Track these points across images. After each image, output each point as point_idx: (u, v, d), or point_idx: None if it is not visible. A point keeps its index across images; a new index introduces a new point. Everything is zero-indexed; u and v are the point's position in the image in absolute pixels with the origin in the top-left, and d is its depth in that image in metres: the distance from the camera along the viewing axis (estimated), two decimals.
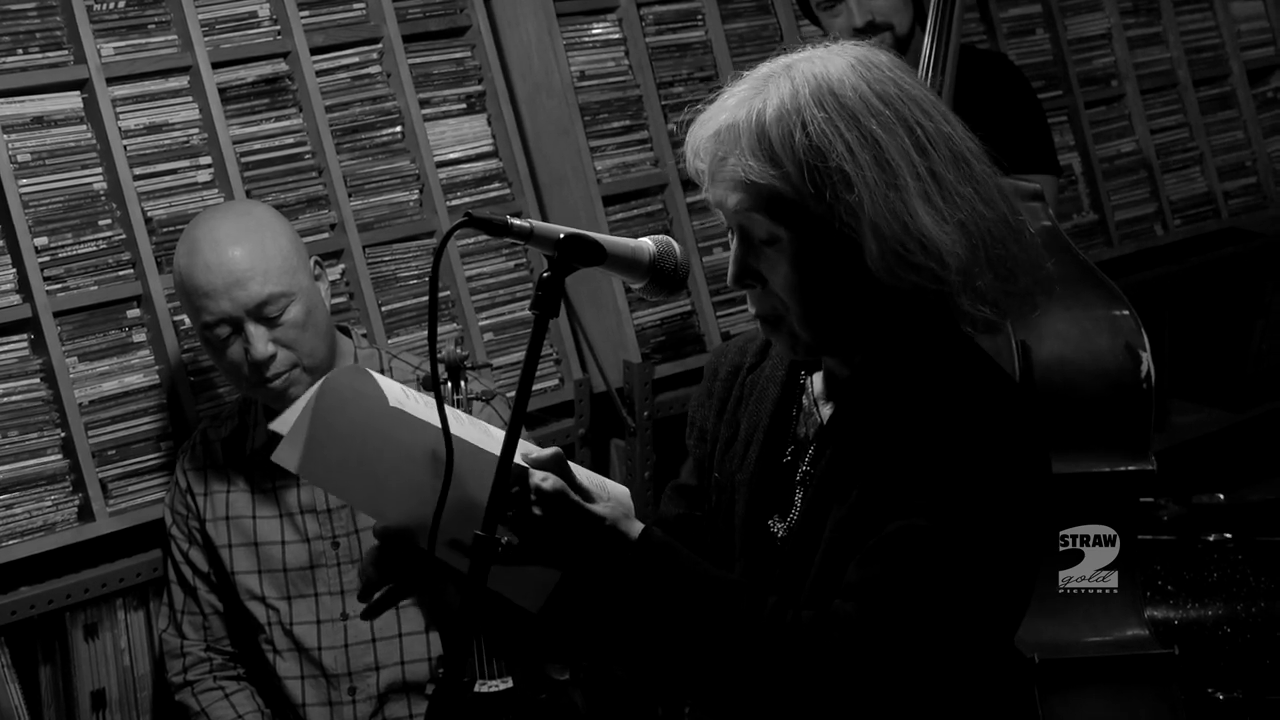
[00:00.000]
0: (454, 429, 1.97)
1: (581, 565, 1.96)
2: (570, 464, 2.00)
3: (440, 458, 1.96)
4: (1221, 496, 3.90)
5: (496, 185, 3.99)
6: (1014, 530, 1.97)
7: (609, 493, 2.12)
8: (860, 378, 2.09)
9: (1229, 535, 3.73)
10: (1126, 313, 3.17)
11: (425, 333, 3.77)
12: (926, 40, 3.34)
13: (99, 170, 3.47)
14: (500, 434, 2.06)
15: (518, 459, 1.97)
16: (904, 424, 2.01)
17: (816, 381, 2.18)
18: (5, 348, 3.33)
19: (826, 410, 2.14)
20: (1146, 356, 3.12)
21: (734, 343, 2.33)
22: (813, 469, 2.12)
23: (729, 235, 2.06)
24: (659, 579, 1.95)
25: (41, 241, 3.38)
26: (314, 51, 3.75)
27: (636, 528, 1.98)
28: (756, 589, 1.98)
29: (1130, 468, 3.12)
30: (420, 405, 2.01)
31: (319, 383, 2.05)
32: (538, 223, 1.98)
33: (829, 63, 2.01)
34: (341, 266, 3.72)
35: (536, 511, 1.92)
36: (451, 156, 3.94)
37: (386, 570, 2.10)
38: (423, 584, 2.12)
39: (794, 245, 2.00)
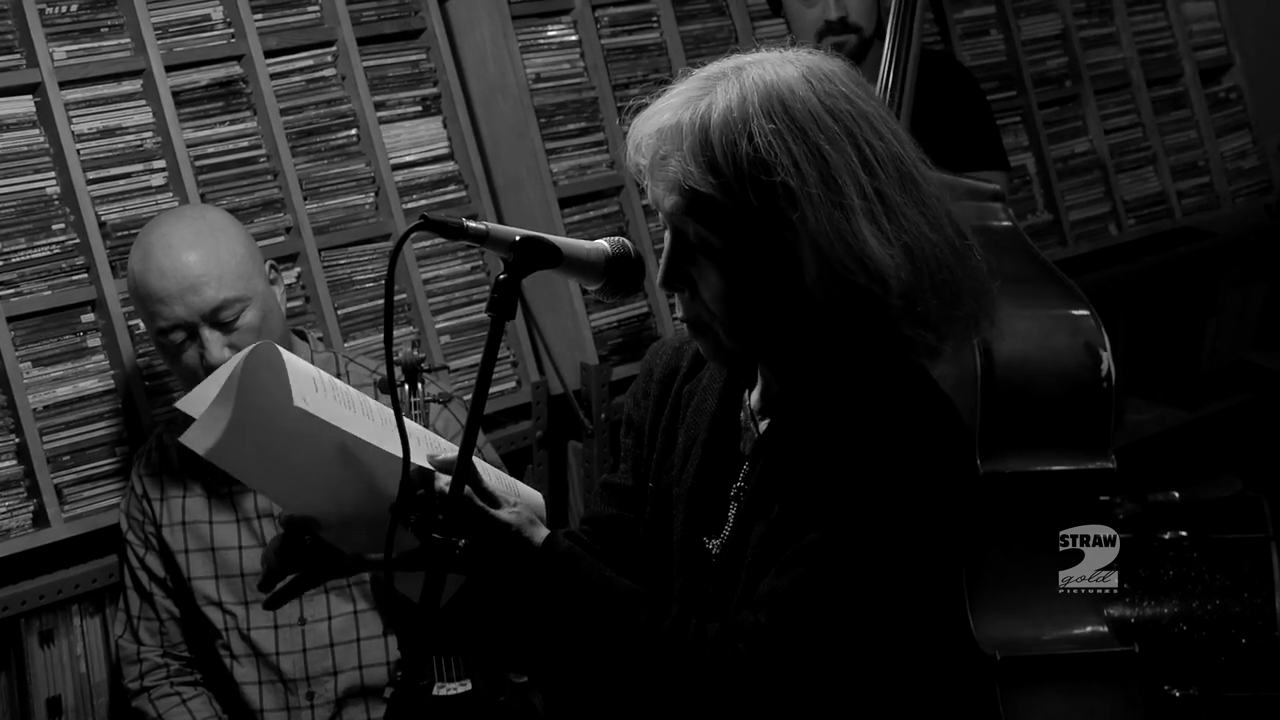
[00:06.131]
0: (364, 431, 1.96)
1: (484, 571, 1.95)
2: (480, 465, 1.98)
3: (348, 456, 1.96)
4: (1177, 495, 3.92)
5: (452, 188, 3.98)
6: (926, 546, 1.94)
7: (520, 495, 2.11)
8: (792, 393, 2.07)
9: (1184, 533, 3.74)
10: (1086, 312, 3.18)
11: (382, 336, 3.76)
12: (887, 44, 3.35)
13: (52, 174, 3.45)
14: (420, 431, 2.05)
15: (423, 461, 1.96)
16: (828, 440, 1.98)
17: (754, 395, 2.14)
18: None
19: (763, 425, 2.12)
20: (1107, 356, 3.13)
21: (668, 343, 2.30)
22: (746, 485, 2.09)
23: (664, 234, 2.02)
24: (560, 589, 1.94)
25: None
26: (268, 54, 3.74)
27: (541, 535, 1.96)
28: (659, 601, 1.97)
29: (1091, 466, 3.13)
30: (329, 398, 1.99)
31: (235, 362, 2.00)
32: (493, 225, 1.97)
33: (781, 70, 1.95)
34: (297, 270, 3.71)
35: (440, 516, 1.91)
36: (407, 159, 3.93)
37: (290, 559, 2.08)
38: (328, 575, 2.11)
39: (727, 255, 1.95)
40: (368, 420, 2.00)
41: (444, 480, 1.92)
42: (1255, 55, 5.45)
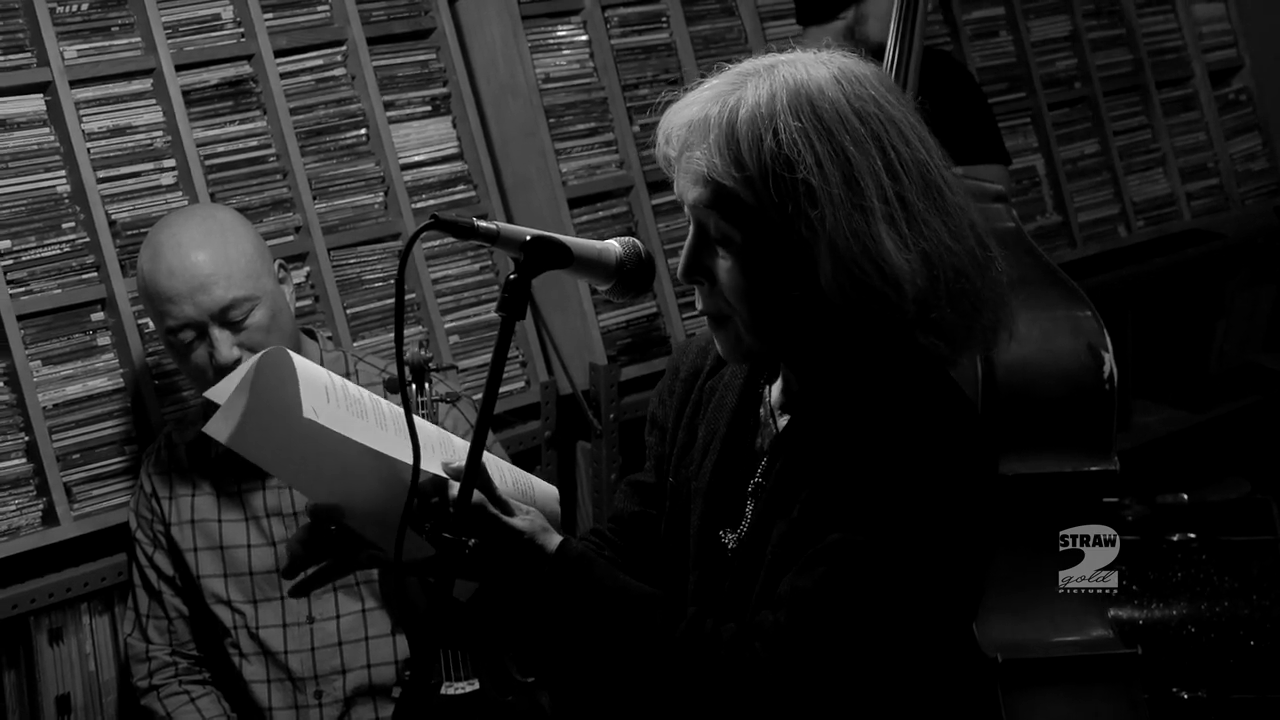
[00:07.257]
0: (377, 442, 1.96)
1: (498, 578, 1.96)
2: (493, 466, 1.99)
3: (363, 461, 1.96)
4: (1185, 496, 3.92)
5: (462, 188, 3.98)
6: (952, 549, 1.94)
7: (535, 493, 2.11)
8: (812, 390, 2.08)
9: (1193, 535, 3.74)
10: (1088, 313, 3.18)
11: (391, 335, 3.76)
12: (889, 44, 3.35)
13: (62, 173, 3.46)
14: (435, 434, 2.05)
15: (437, 469, 1.96)
16: (850, 439, 1.99)
17: (774, 391, 2.15)
18: None
19: (782, 421, 2.12)
20: (1109, 357, 3.13)
21: (696, 342, 2.31)
22: (764, 481, 2.10)
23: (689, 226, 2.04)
24: (575, 594, 1.95)
25: (4, 245, 3.37)
26: (278, 54, 3.74)
27: (554, 541, 1.97)
28: (674, 602, 1.98)
29: (1093, 468, 3.13)
30: (341, 408, 1.98)
31: (255, 358, 2.02)
32: (504, 225, 1.98)
33: (813, 70, 1.96)
34: (306, 269, 3.71)
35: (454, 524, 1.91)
36: (416, 159, 3.93)
37: (315, 548, 2.07)
38: (354, 566, 2.11)
39: (746, 250, 1.97)
40: (380, 429, 2.00)
41: (457, 489, 1.92)
42: (1265, 57, 5.45)
